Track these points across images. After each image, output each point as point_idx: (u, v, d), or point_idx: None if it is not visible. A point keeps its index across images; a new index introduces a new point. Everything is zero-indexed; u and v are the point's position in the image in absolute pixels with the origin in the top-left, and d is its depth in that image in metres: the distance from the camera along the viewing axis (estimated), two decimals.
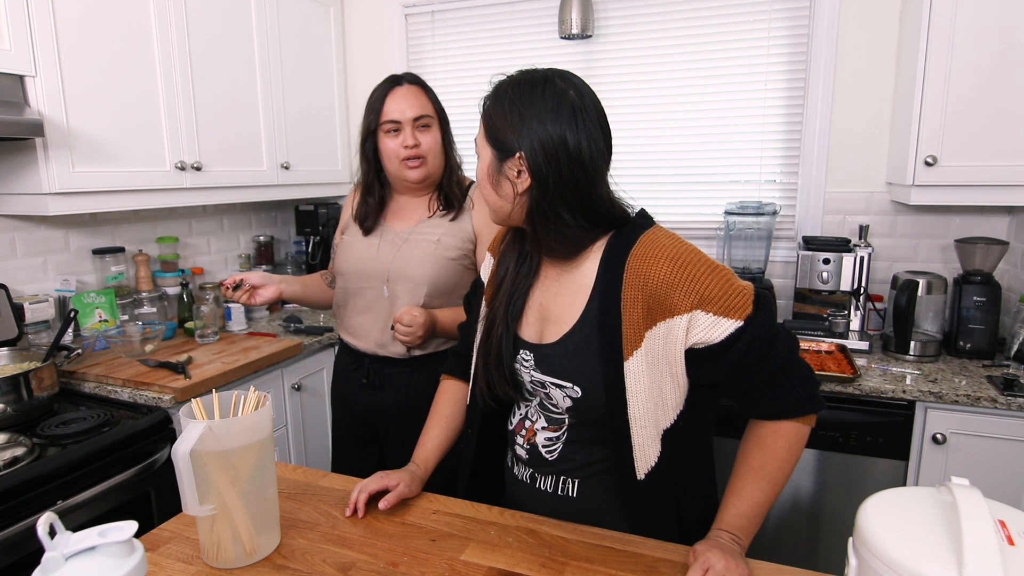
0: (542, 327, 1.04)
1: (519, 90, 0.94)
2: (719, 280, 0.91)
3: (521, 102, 0.93)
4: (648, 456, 0.97)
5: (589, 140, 0.93)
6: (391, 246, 1.57)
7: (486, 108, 0.98)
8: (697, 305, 0.90)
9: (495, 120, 0.96)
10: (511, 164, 0.94)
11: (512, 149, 0.93)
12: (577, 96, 0.94)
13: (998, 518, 0.67)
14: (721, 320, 0.90)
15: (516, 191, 0.95)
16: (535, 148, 0.91)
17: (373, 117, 1.53)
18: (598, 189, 0.95)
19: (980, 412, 1.71)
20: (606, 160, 0.97)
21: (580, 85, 0.96)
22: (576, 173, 0.92)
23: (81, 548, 0.70)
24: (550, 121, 0.91)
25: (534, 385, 1.04)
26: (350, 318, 1.65)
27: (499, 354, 1.05)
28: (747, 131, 2.41)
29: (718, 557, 0.88)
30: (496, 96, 0.97)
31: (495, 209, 1.01)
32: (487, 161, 0.98)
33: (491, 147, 0.97)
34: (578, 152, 0.91)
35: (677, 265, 0.91)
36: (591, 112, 0.94)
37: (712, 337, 0.91)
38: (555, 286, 1.03)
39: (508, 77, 0.98)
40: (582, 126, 0.92)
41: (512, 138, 0.93)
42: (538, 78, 0.95)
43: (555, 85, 0.94)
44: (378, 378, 1.62)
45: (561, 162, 0.91)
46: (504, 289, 1.07)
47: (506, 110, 0.94)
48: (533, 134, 0.91)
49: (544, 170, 0.91)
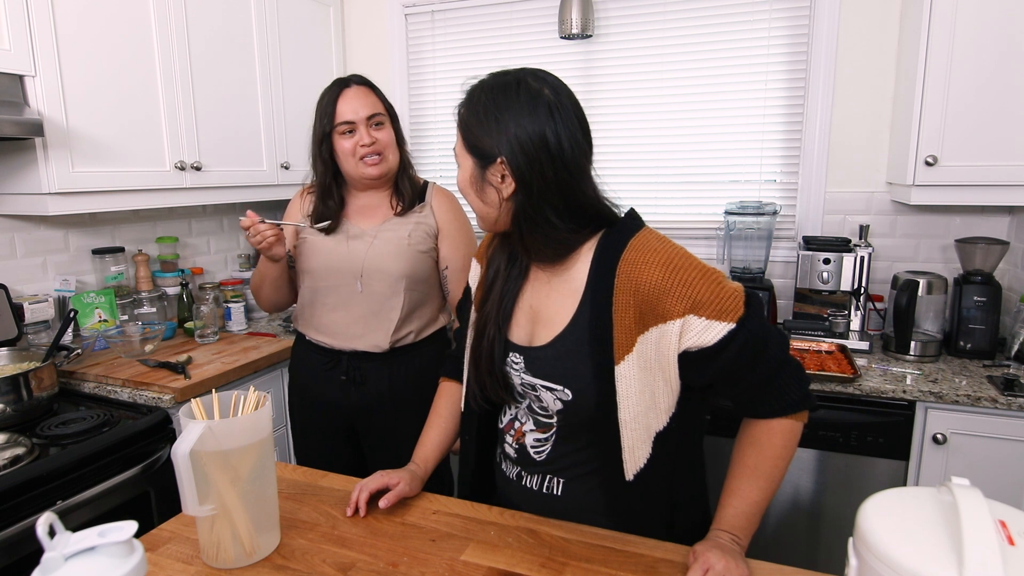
0: (532, 329, 1.03)
1: (492, 94, 0.92)
2: (710, 284, 0.91)
3: (496, 106, 0.91)
4: (638, 458, 0.97)
5: (569, 137, 0.91)
6: (361, 243, 1.60)
7: (461, 116, 0.96)
8: (690, 310, 0.90)
9: (472, 128, 0.94)
10: (494, 170, 0.92)
11: (493, 155, 0.92)
12: (552, 93, 0.92)
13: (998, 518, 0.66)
14: (714, 323, 0.90)
15: (502, 196, 0.93)
16: (515, 151, 0.90)
17: (326, 120, 1.55)
18: (583, 187, 0.94)
19: (980, 412, 1.71)
20: (588, 156, 0.96)
21: (554, 82, 0.94)
22: (559, 172, 0.91)
23: (81, 548, 0.70)
24: (528, 122, 0.89)
25: (524, 388, 1.04)
26: (321, 317, 1.65)
27: (491, 356, 1.04)
28: (747, 131, 2.41)
29: (718, 557, 0.88)
30: (470, 103, 0.95)
31: (482, 217, 0.99)
32: (468, 170, 0.96)
33: (471, 155, 0.95)
34: (559, 150, 0.90)
35: (669, 270, 0.91)
36: (568, 108, 0.92)
37: (705, 340, 0.91)
38: (545, 288, 1.02)
39: (480, 82, 0.96)
40: (561, 123, 0.90)
41: (491, 144, 0.91)
42: (511, 80, 0.93)
43: (529, 85, 0.92)
44: (358, 374, 1.63)
45: (543, 162, 0.90)
46: (495, 292, 1.06)
47: (482, 116, 0.92)
48: (512, 137, 0.90)
49: (527, 172, 0.90)
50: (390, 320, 1.60)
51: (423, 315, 1.66)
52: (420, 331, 1.66)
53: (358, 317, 1.61)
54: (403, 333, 1.63)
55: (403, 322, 1.61)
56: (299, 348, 1.74)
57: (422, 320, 1.66)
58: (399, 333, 1.62)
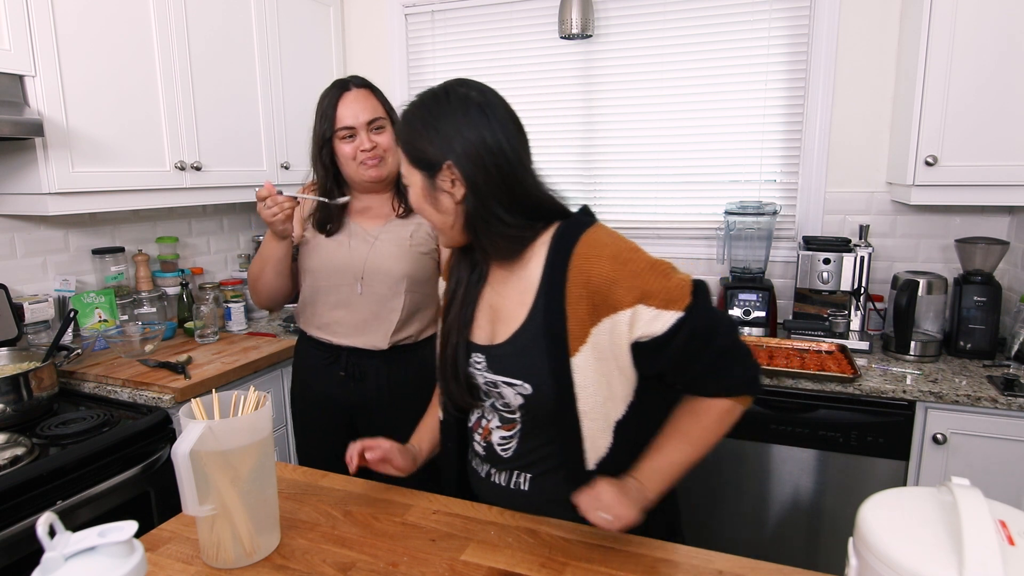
0: (493, 328, 1.06)
1: (425, 108, 0.98)
2: (658, 275, 0.95)
3: (432, 116, 0.97)
4: (599, 447, 1.02)
5: (505, 134, 0.96)
6: (364, 244, 1.60)
7: (401, 137, 1.01)
8: (639, 300, 0.94)
9: (414, 143, 0.99)
10: (443, 177, 0.97)
11: (438, 162, 0.96)
12: (480, 95, 0.97)
13: (998, 518, 0.66)
14: (663, 312, 0.94)
15: (455, 200, 0.98)
16: (458, 153, 0.95)
17: (327, 125, 1.55)
18: (526, 181, 0.99)
19: (980, 412, 1.71)
20: (526, 151, 1.01)
21: (480, 87, 1.00)
22: (503, 168, 0.96)
23: (81, 548, 0.70)
24: (464, 126, 0.95)
25: (488, 386, 1.07)
26: (323, 315, 1.66)
27: (455, 361, 1.08)
28: (747, 131, 2.41)
29: (610, 492, 0.93)
30: (407, 122, 1.00)
31: (440, 227, 1.03)
32: (419, 185, 1.00)
33: (418, 169, 0.99)
34: (499, 147, 0.95)
35: (618, 262, 0.95)
36: (498, 108, 0.98)
37: (655, 329, 0.95)
38: (503, 287, 1.06)
39: (410, 103, 1.02)
40: (495, 122, 0.96)
41: (435, 152, 0.96)
42: (439, 91, 0.99)
43: (456, 91, 0.98)
44: (357, 370, 1.64)
45: (486, 160, 0.95)
46: (457, 300, 1.10)
47: (420, 130, 0.98)
48: (454, 142, 0.95)
49: (472, 172, 0.95)
50: (390, 321, 1.60)
51: (424, 317, 1.67)
52: (420, 333, 1.66)
53: (359, 317, 1.62)
54: (403, 335, 1.63)
55: (403, 323, 1.62)
56: (301, 345, 1.76)
57: (422, 322, 1.66)
58: (399, 335, 1.62)
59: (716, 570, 0.92)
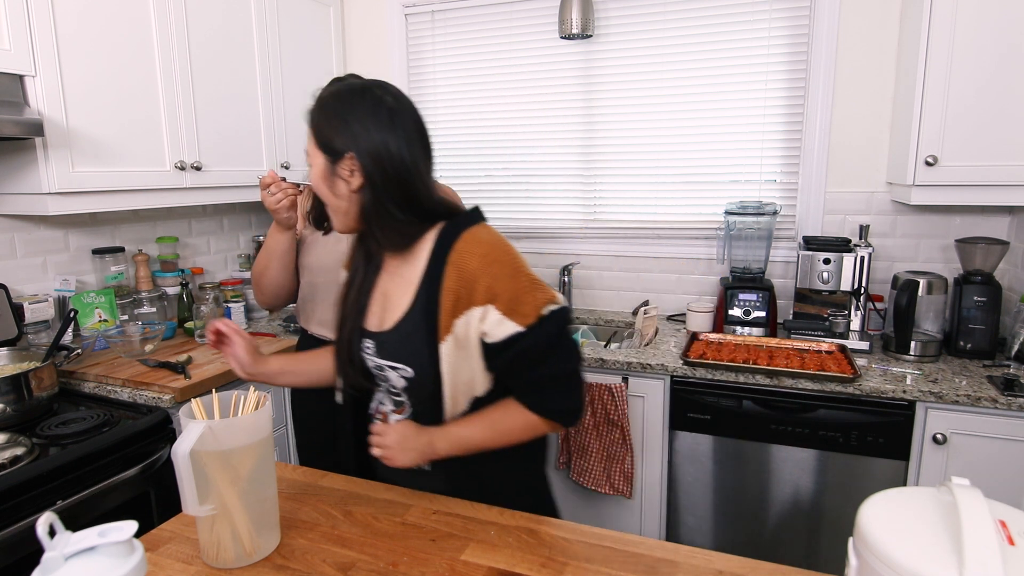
0: (383, 315, 1.13)
1: (340, 98, 1.03)
2: (516, 284, 1.02)
3: (344, 109, 1.02)
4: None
5: (408, 142, 1.02)
6: None
7: (312, 118, 1.06)
8: (490, 300, 1.01)
9: (322, 128, 1.04)
10: (343, 165, 1.02)
11: (341, 151, 1.01)
12: (395, 101, 1.03)
13: (998, 518, 0.66)
14: (506, 321, 1.01)
15: (350, 188, 1.03)
16: (361, 149, 1.00)
17: None
18: (418, 185, 1.05)
19: (980, 412, 1.71)
20: (426, 159, 1.07)
21: (396, 93, 1.05)
22: (400, 172, 1.02)
23: (81, 548, 0.70)
24: (372, 127, 1.00)
25: (376, 370, 1.14)
26: (322, 312, 1.67)
27: (348, 346, 1.15)
28: (747, 131, 2.41)
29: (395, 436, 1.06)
30: (320, 106, 1.05)
31: (335, 210, 1.07)
32: (320, 167, 1.05)
33: (322, 153, 1.04)
34: (399, 153, 1.01)
35: (486, 261, 1.02)
36: (407, 117, 1.04)
37: (497, 334, 1.02)
38: (395, 276, 1.12)
39: (327, 88, 1.08)
40: (400, 130, 1.02)
41: (340, 142, 1.01)
42: (357, 87, 1.04)
43: (373, 93, 1.03)
44: None
45: (385, 163, 1.01)
46: (354, 288, 1.17)
47: (331, 117, 1.03)
48: (360, 139, 1.00)
49: (372, 171, 1.01)
50: None
51: None
52: None
53: None
54: None
55: None
56: (302, 344, 1.77)
57: None
58: None
59: (716, 570, 0.92)
